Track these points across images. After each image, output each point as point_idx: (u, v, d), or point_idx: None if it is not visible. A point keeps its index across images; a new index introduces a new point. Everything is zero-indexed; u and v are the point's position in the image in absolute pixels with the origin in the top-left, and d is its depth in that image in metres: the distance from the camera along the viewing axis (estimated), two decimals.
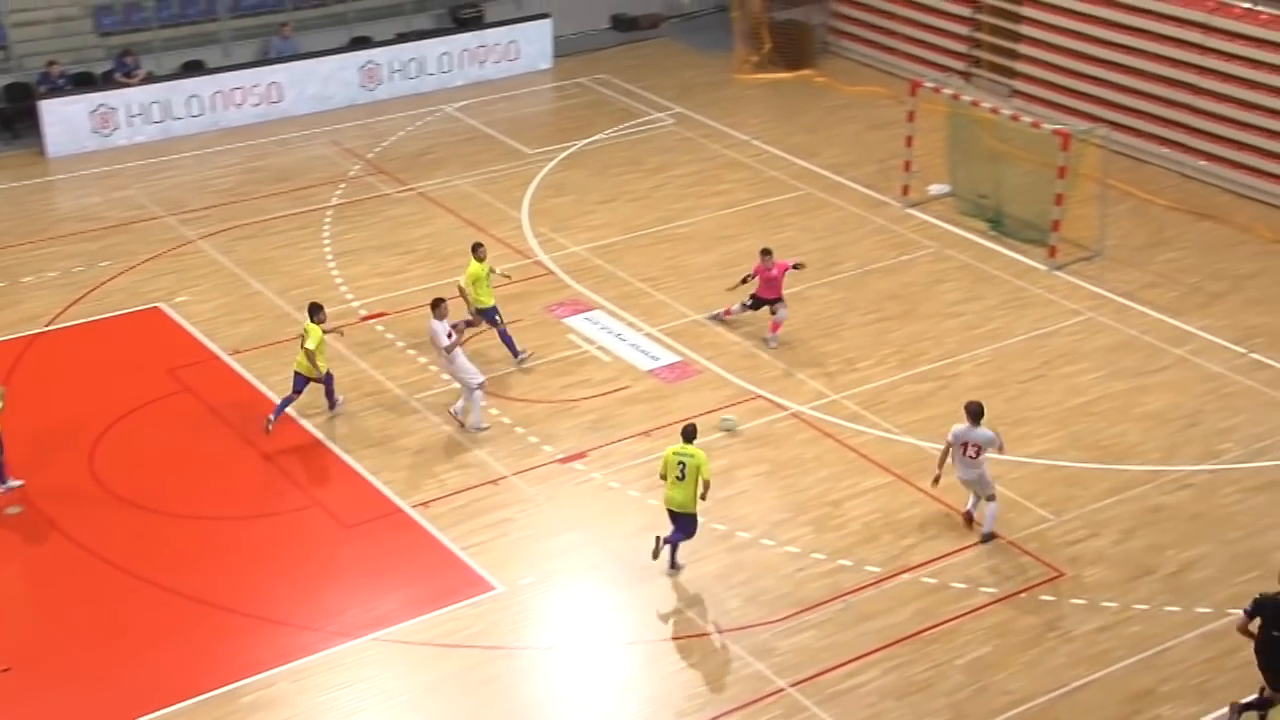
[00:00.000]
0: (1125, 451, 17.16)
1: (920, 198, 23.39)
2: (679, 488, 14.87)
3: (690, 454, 14.83)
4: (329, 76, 27.23)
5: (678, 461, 14.82)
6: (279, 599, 15.05)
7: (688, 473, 14.78)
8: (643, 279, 21.26)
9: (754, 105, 27.56)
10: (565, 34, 30.15)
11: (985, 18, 26.94)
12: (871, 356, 19.21)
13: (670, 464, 14.87)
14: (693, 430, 15.04)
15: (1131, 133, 24.55)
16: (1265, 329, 19.56)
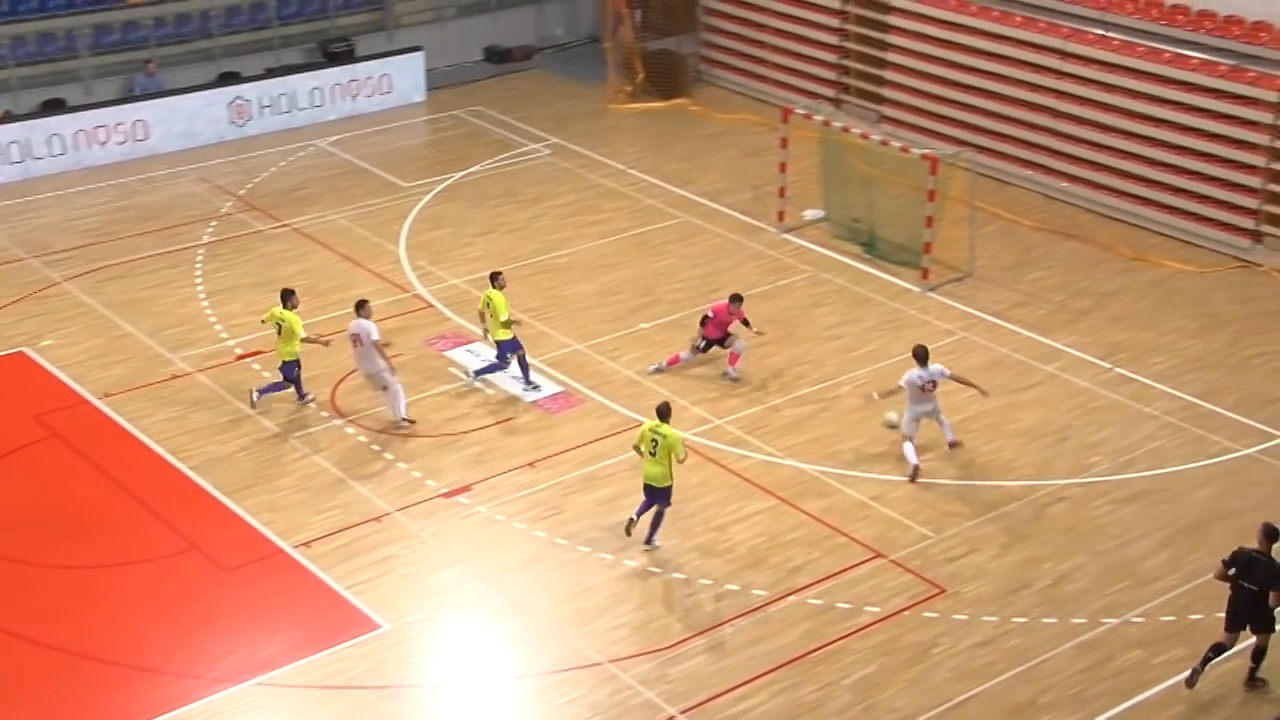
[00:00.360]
0: (1001, 468, 17.56)
1: (795, 223, 23.74)
2: (652, 463, 15.64)
3: (663, 433, 15.57)
4: (196, 113, 26.77)
5: (651, 438, 15.57)
6: (157, 647, 14.65)
7: (660, 449, 15.52)
8: (523, 310, 21.18)
9: (629, 134, 27.75)
10: (438, 67, 30.06)
11: (853, 45, 27.51)
12: (752, 381, 19.40)
13: (645, 439, 15.63)
14: (666, 408, 15.74)
15: (996, 156, 25.24)
16: (1128, 344, 20.21)
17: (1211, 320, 20.83)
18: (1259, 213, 22.35)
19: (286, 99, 27.62)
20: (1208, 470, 17.39)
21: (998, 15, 25.23)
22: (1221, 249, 22.73)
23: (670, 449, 15.46)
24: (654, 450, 15.53)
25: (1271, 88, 21.90)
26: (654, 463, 15.60)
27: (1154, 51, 23.37)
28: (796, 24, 28.46)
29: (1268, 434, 18.04)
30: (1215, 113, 22.60)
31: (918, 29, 26.30)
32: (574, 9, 32.22)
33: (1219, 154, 22.67)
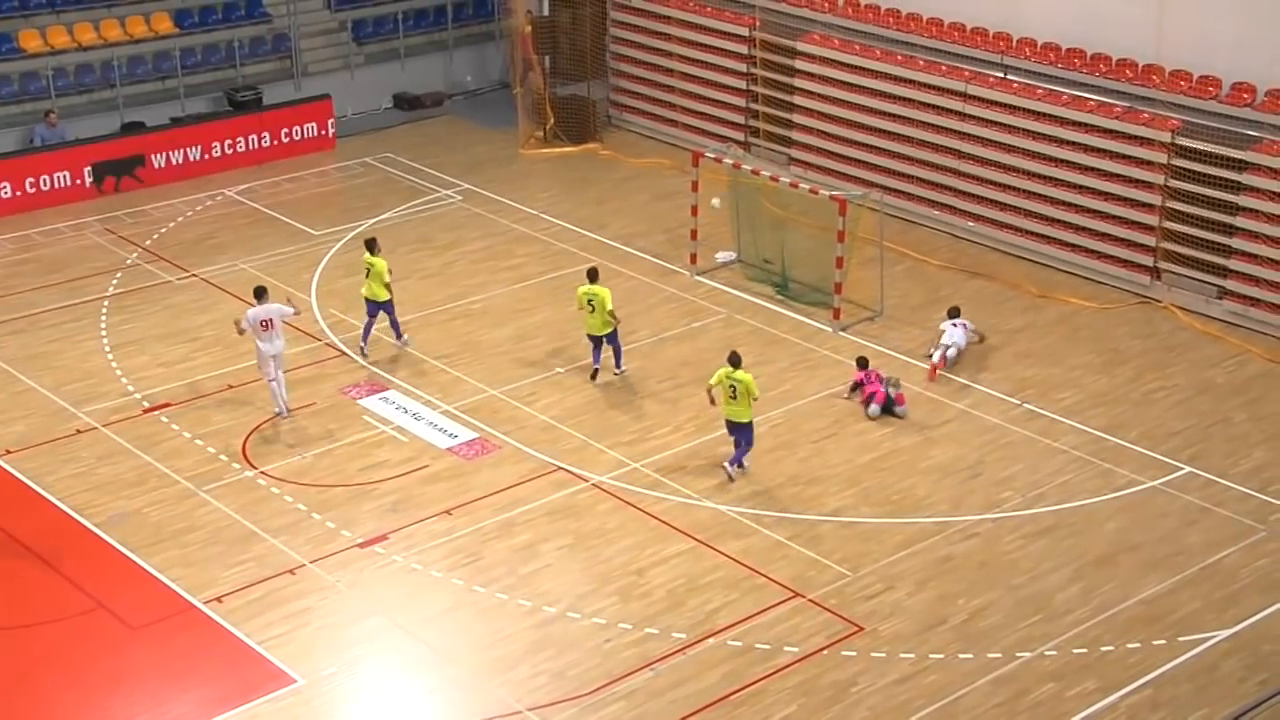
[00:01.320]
0: (915, 505, 17.81)
1: (708, 265, 23.96)
2: (732, 405, 17.87)
3: (738, 378, 17.77)
4: (100, 164, 26.39)
5: (729, 384, 17.75)
6: (63, 711, 14.28)
7: (739, 393, 17.75)
8: (438, 356, 21.15)
9: (541, 179, 27.86)
10: (347, 114, 30.00)
11: (760, 89, 27.93)
12: (669, 423, 19.49)
13: (724, 385, 17.79)
14: (738, 356, 17.93)
15: (903, 196, 25.71)
16: (1035, 380, 20.64)
17: (1115, 355, 21.35)
18: (1157, 250, 23.00)
19: (193, 148, 27.35)
20: (1114, 503, 17.77)
21: (901, 59, 25.78)
22: (1122, 285, 23.33)
23: (748, 390, 17.76)
24: (734, 394, 17.78)
25: (1164, 128, 22.59)
26: (735, 404, 17.83)
27: (1053, 94, 24.01)
28: (704, 68, 28.83)
29: (1171, 466, 18.50)
30: (1113, 153, 23.25)
31: (823, 72, 26.77)
32: (483, 56, 32.36)
33: (1118, 193, 23.30)
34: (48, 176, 25.98)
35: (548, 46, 29.45)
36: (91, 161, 26.44)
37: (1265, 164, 21.58)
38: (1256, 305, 21.94)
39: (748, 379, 17.84)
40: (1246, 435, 19.18)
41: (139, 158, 26.87)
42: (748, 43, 28.00)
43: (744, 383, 17.82)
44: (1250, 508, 17.59)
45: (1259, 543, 16.93)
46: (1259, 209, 21.73)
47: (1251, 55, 22.20)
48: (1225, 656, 15.15)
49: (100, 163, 26.53)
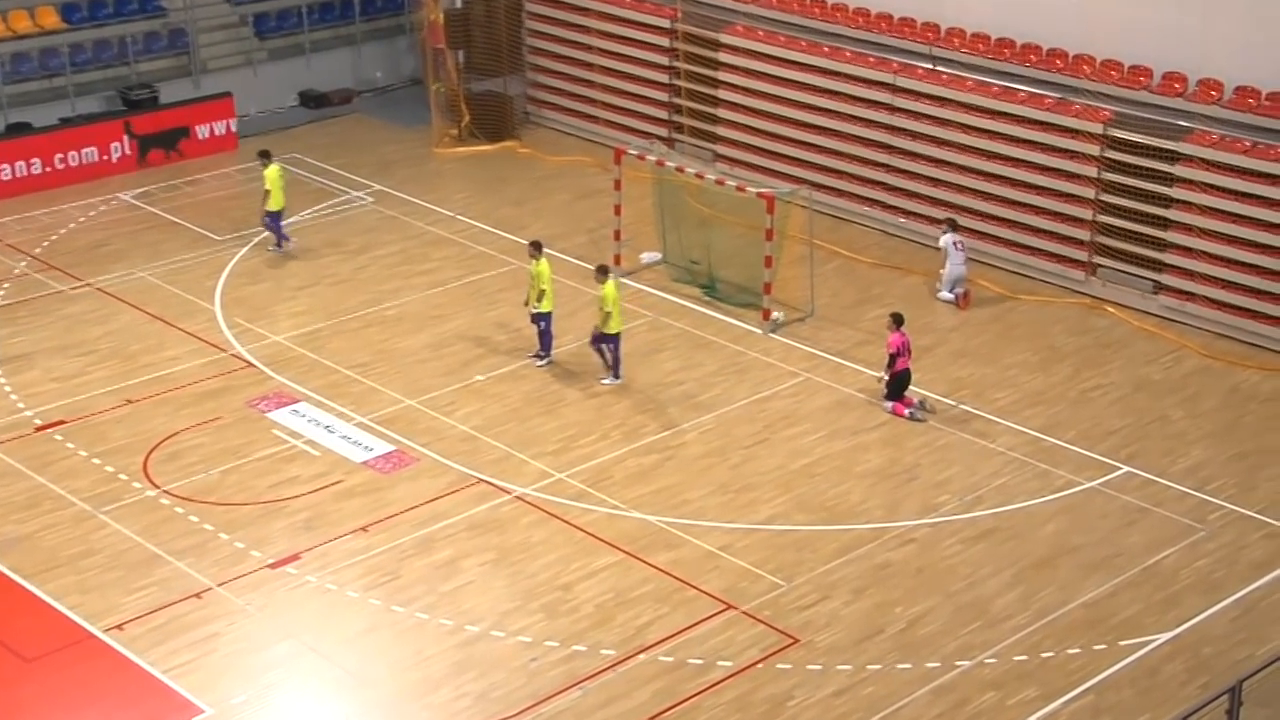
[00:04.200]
0: (849, 511, 17.94)
1: (633, 267, 23.98)
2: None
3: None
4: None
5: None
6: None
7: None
8: (351, 366, 20.97)
9: (456, 180, 27.74)
10: (250, 113, 29.67)
11: (683, 84, 28.02)
12: (594, 431, 19.47)
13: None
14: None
15: (833, 193, 25.91)
16: (971, 380, 20.89)
17: (1051, 353, 21.67)
18: (1091, 244, 23.38)
19: (85, 150, 26.89)
20: (1053, 505, 18.03)
21: (827, 51, 25.98)
22: (1057, 281, 23.68)
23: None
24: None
25: (1096, 119, 22.98)
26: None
27: (982, 85, 24.33)
28: (625, 62, 28.87)
29: (1109, 465, 18.81)
30: (1044, 145, 23.59)
31: (748, 65, 26.91)
32: (393, 51, 32.15)
33: (1050, 186, 23.65)
34: None
35: (461, 40, 29.33)
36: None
37: (1197, 155, 22.01)
38: (1192, 300, 22.37)
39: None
40: (1184, 433, 19.55)
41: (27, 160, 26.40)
42: (670, 35, 28.08)
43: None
44: (1189, 507, 17.93)
45: (1198, 543, 17.26)
46: (1192, 201, 22.17)
47: (1182, 44, 22.62)
48: (1167, 660, 15.42)
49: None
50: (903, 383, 19.95)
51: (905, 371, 19.95)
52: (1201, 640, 15.68)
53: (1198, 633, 15.78)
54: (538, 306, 20.72)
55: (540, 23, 30.22)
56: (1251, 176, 21.52)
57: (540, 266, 20.76)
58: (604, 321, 20.21)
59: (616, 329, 20.28)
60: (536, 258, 20.91)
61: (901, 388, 19.94)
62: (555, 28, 29.96)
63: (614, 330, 20.27)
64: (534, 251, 21.02)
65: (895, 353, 19.86)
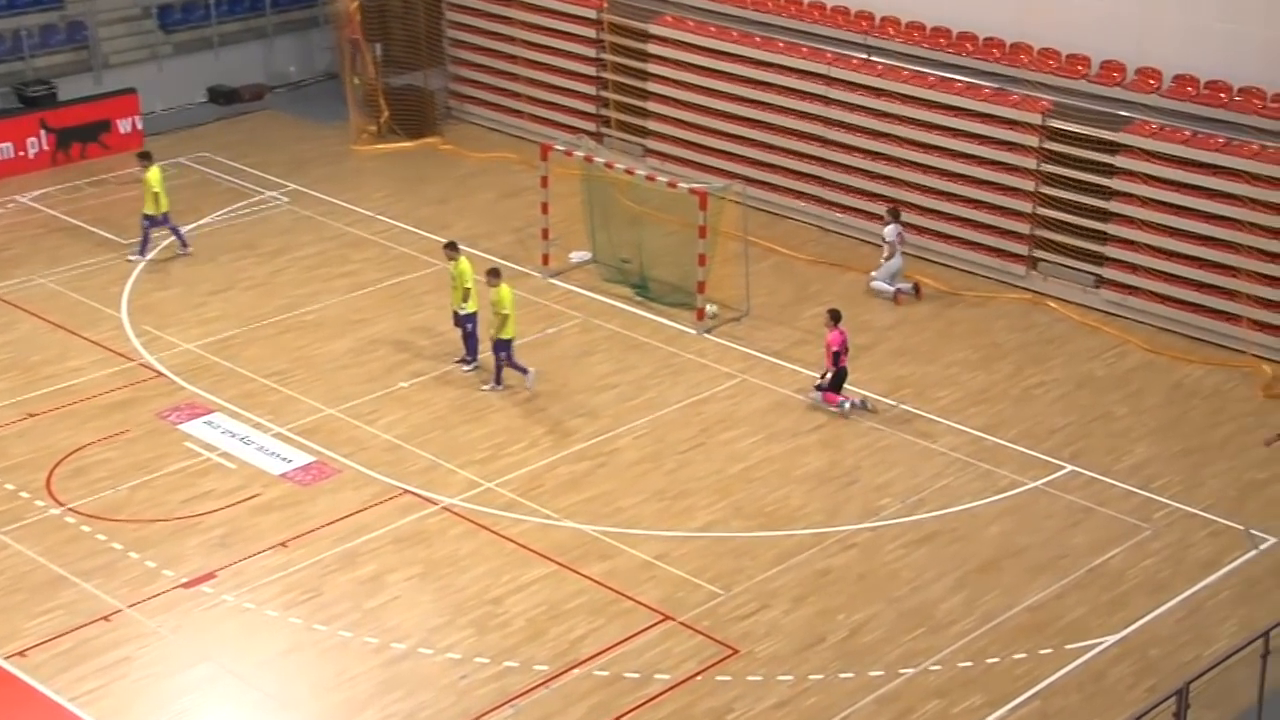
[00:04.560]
0: (789, 516, 18.06)
1: (562, 266, 23.99)
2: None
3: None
4: None
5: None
6: None
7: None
8: (268, 374, 20.81)
9: (376, 178, 27.60)
10: (156, 110, 29.35)
11: (611, 76, 28.07)
12: (523, 439, 19.46)
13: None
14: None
15: (768, 188, 26.07)
16: (911, 379, 21.10)
17: (993, 350, 21.94)
18: (1032, 238, 23.70)
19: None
20: (997, 506, 18.26)
21: (759, 41, 26.14)
22: (998, 276, 23.98)
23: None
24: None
25: (1035, 110, 23.30)
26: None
27: (918, 76, 24.58)
28: (550, 54, 28.87)
29: (1053, 465, 19.07)
30: (983, 137, 23.87)
31: (678, 57, 27.00)
32: (307, 44, 31.94)
33: (989, 179, 23.94)
34: None
35: (378, 32, 29.18)
36: None
37: (1137, 145, 22.39)
38: (1134, 294, 22.74)
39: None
40: (1128, 430, 19.88)
41: None
42: (596, 26, 28.12)
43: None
44: (1134, 505, 18.23)
45: (1144, 542, 17.56)
46: (1133, 192, 22.54)
47: (1120, 31, 23.00)
48: (1114, 663, 15.67)
49: None
50: (839, 381, 20.12)
51: (842, 370, 20.13)
52: (1149, 642, 15.95)
53: (1145, 634, 16.05)
54: (463, 308, 20.67)
55: (461, 13, 30.14)
56: (1192, 167, 21.91)
57: (460, 266, 20.75)
58: (500, 326, 20.17)
59: (512, 334, 20.26)
60: (454, 258, 20.92)
61: (837, 386, 20.11)
62: (477, 19, 29.89)
63: (510, 335, 20.24)
64: (450, 252, 21.08)
65: (837, 350, 20.02)
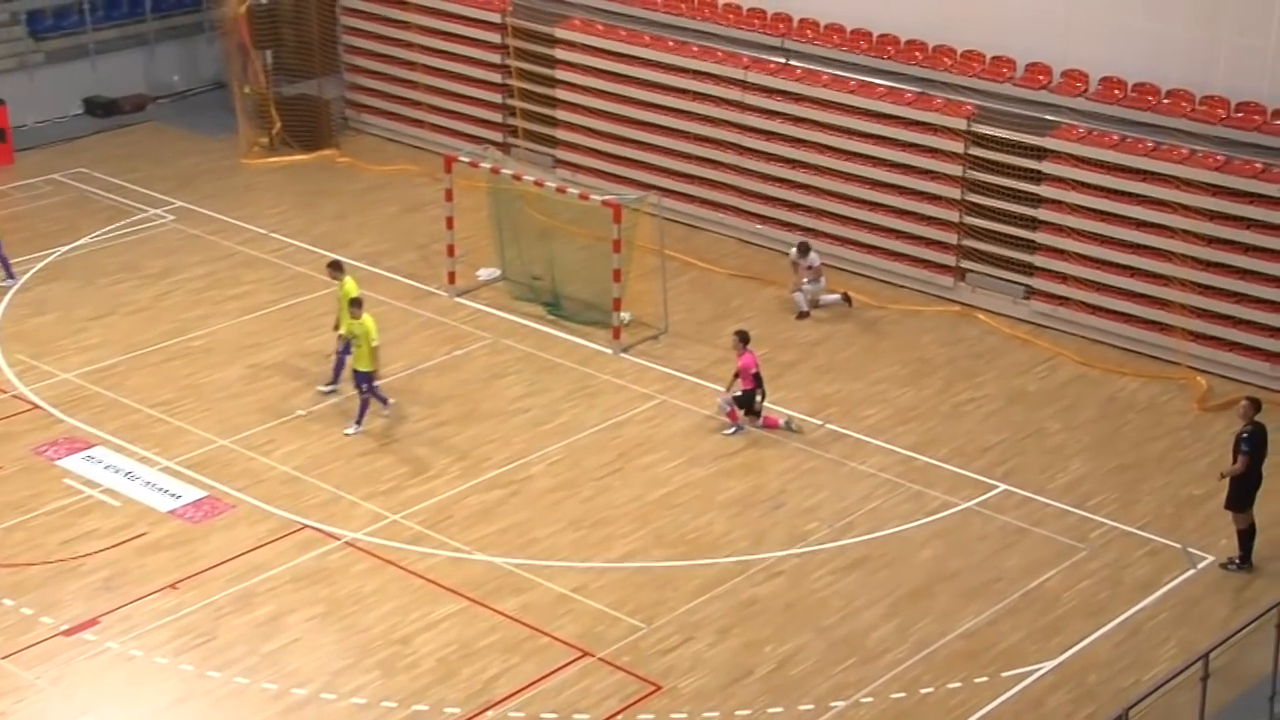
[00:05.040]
0: (712, 543, 18.12)
1: (469, 285, 23.93)
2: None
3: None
4: None
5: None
6: None
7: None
8: (154, 404, 20.57)
9: (269, 193, 27.40)
10: (26, 124, 28.94)
11: (517, 83, 28.08)
12: (430, 468, 19.38)
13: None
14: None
15: (684, 198, 26.19)
16: (837, 398, 21.28)
17: (921, 366, 22.20)
18: (959, 248, 24.02)
19: None
20: (928, 529, 18.46)
21: (672, 45, 26.30)
22: (924, 289, 24.27)
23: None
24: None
25: (959, 114, 23.65)
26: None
27: (839, 80, 24.85)
28: (453, 61, 28.83)
29: (985, 484, 19.32)
30: (906, 143, 24.17)
31: (587, 62, 27.10)
32: (192, 51, 31.65)
33: (914, 187, 24.24)
34: None
35: (269, 38, 29.00)
36: None
37: (1065, 150, 22.79)
38: (1065, 304, 23.12)
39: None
40: (1062, 446, 20.19)
41: None
42: (501, 30, 28.14)
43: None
44: (1069, 525, 18.51)
45: (1080, 563, 17.83)
46: (1061, 199, 22.93)
47: (1045, 33, 23.40)
48: (1051, 690, 15.87)
49: None
50: (746, 403, 20.24)
51: (750, 392, 20.25)
52: (1086, 667, 16.18)
53: (1082, 659, 16.28)
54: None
55: (356, 18, 30.03)
56: (1121, 172, 22.34)
57: (346, 286, 20.59)
58: (368, 359, 19.74)
59: (376, 366, 19.87)
60: (339, 278, 20.81)
61: (747, 403, 20.23)
62: (373, 24, 29.80)
63: (373, 368, 19.84)
64: (334, 272, 21.01)
65: (756, 373, 20.15)
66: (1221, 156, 21.57)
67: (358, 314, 19.81)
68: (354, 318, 19.82)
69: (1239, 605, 16.88)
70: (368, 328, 19.72)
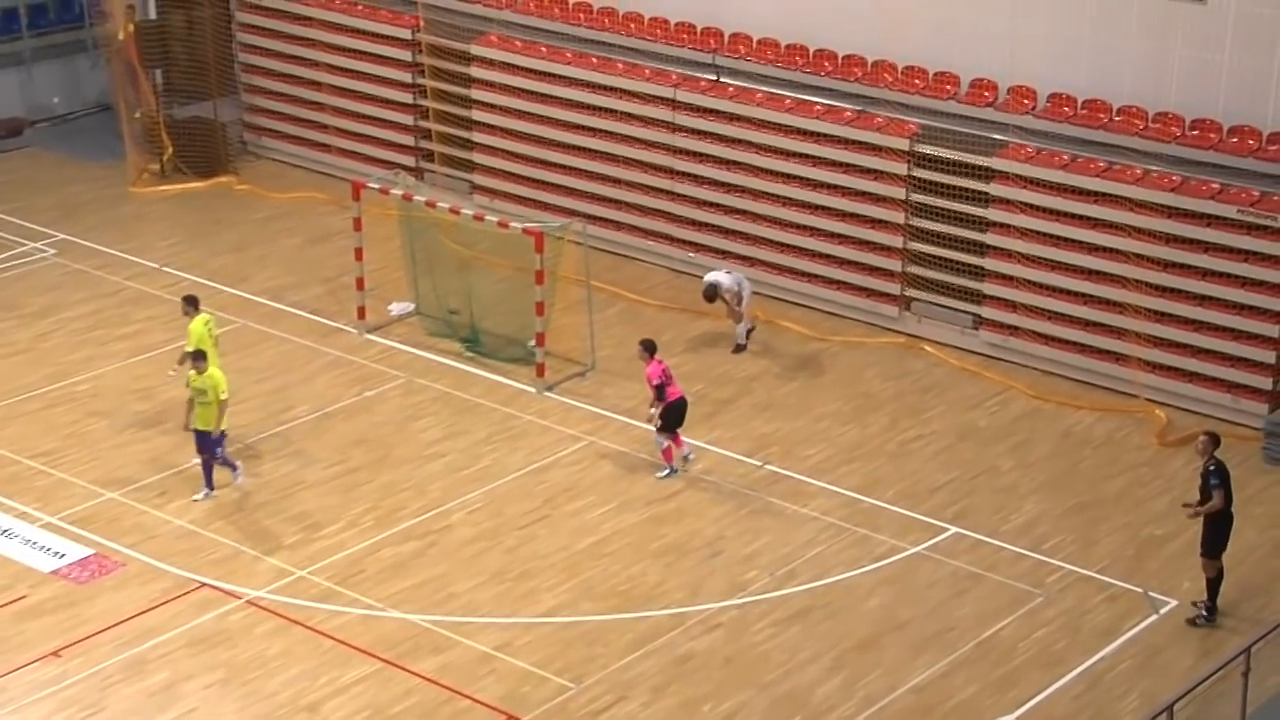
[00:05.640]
0: (646, 595, 18.13)
1: (380, 321, 23.88)
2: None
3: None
4: None
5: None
6: None
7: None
8: (34, 455, 20.37)
9: (161, 224, 27.26)
10: None
11: (431, 104, 28.11)
12: (340, 519, 19.27)
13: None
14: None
15: (611, 226, 26.29)
16: (777, 436, 21.39)
17: (865, 401, 22.38)
18: (903, 275, 24.25)
19: None
20: (875, 575, 18.56)
21: (597, 62, 26.44)
22: (867, 319, 24.47)
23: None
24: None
25: (902, 134, 23.92)
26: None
27: (774, 99, 25.07)
28: (361, 80, 28.82)
29: (935, 527, 19.47)
30: (846, 165, 24.39)
31: (505, 81, 27.17)
32: (73, 71, 31.45)
33: (855, 211, 24.46)
34: None
35: (158, 57, 28.88)
36: None
37: (1013, 171, 23.09)
38: (1015, 334, 23.40)
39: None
40: (1015, 485, 20.40)
41: None
42: (412, 47, 28.16)
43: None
44: (1024, 570, 18.69)
45: (1036, 610, 17.99)
46: (1010, 223, 23.22)
47: (989, 47, 23.70)
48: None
49: None
50: (679, 413, 20.31)
51: (680, 401, 20.31)
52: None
53: (1040, 713, 16.41)
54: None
55: (255, 34, 29.97)
56: (1072, 194, 22.66)
57: (194, 327, 20.10)
58: (212, 417, 18.99)
59: (222, 426, 19.19)
60: (191, 314, 20.36)
61: (679, 419, 20.30)
62: (273, 40, 29.75)
63: (215, 428, 19.14)
64: (188, 308, 20.51)
65: (660, 383, 20.19)
66: (1177, 177, 21.96)
67: (202, 367, 18.97)
68: (198, 371, 19.00)
69: (1204, 653, 17.10)
70: (216, 381, 18.93)
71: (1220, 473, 17.26)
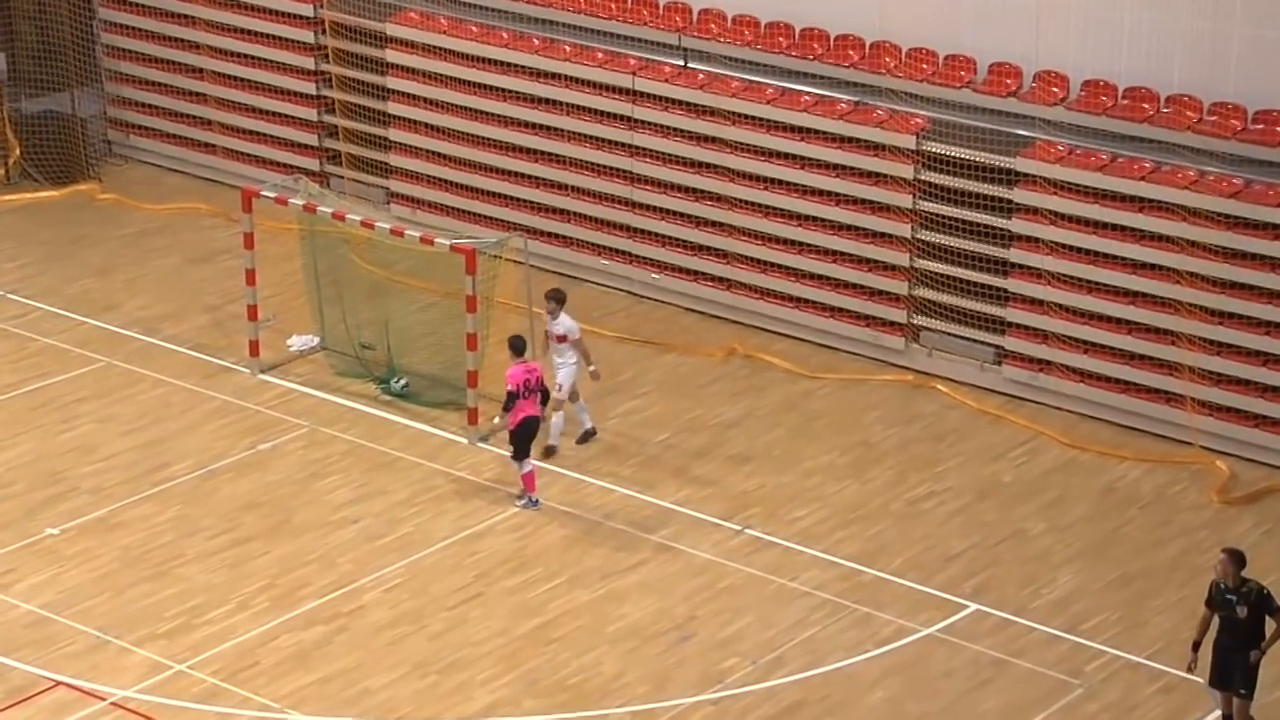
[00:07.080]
0: (601, 689, 18.03)
1: (279, 358, 23.80)
2: None
3: None
4: None
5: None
6: None
7: None
8: None
9: (6, 241, 27.23)
10: None
11: (339, 96, 28.06)
12: (229, 599, 19.16)
13: None
14: None
15: (557, 241, 26.27)
16: (760, 494, 21.37)
17: (865, 451, 22.38)
18: (909, 300, 24.28)
19: None
20: (879, 663, 18.51)
21: (539, 45, 26.45)
22: (868, 352, 24.48)
23: None
24: None
25: (907, 130, 23.97)
26: None
27: (753, 88, 25.11)
28: (252, 67, 28.77)
29: (952, 604, 19.45)
30: (841, 167, 24.40)
31: (428, 67, 27.13)
32: None
33: (852, 223, 24.47)
34: None
35: (2, 40, 28.80)
36: None
37: (1041, 174, 23.14)
38: (1046, 370, 23.43)
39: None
40: (1048, 553, 20.41)
41: None
42: (315, 27, 28.14)
43: None
44: (1059, 654, 18.68)
45: (1075, 703, 17.97)
46: (1038, 236, 23.25)
47: (1012, 25, 23.73)
48: None
49: None
50: (528, 435, 20.51)
51: (531, 421, 20.52)
52: None
53: None
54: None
55: (121, 11, 29.85)
56: (1112, 200, 22.68)
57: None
58: None
59: None
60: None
61: (527, 441, 20.48)
62: (144, 19, 29.68)
63: None
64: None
65: (515, 391, 20.35)
66: (1239, 180, 22.02)
67: None
68: None
69: None
70: None
71: (1266, 593, 16.47)
